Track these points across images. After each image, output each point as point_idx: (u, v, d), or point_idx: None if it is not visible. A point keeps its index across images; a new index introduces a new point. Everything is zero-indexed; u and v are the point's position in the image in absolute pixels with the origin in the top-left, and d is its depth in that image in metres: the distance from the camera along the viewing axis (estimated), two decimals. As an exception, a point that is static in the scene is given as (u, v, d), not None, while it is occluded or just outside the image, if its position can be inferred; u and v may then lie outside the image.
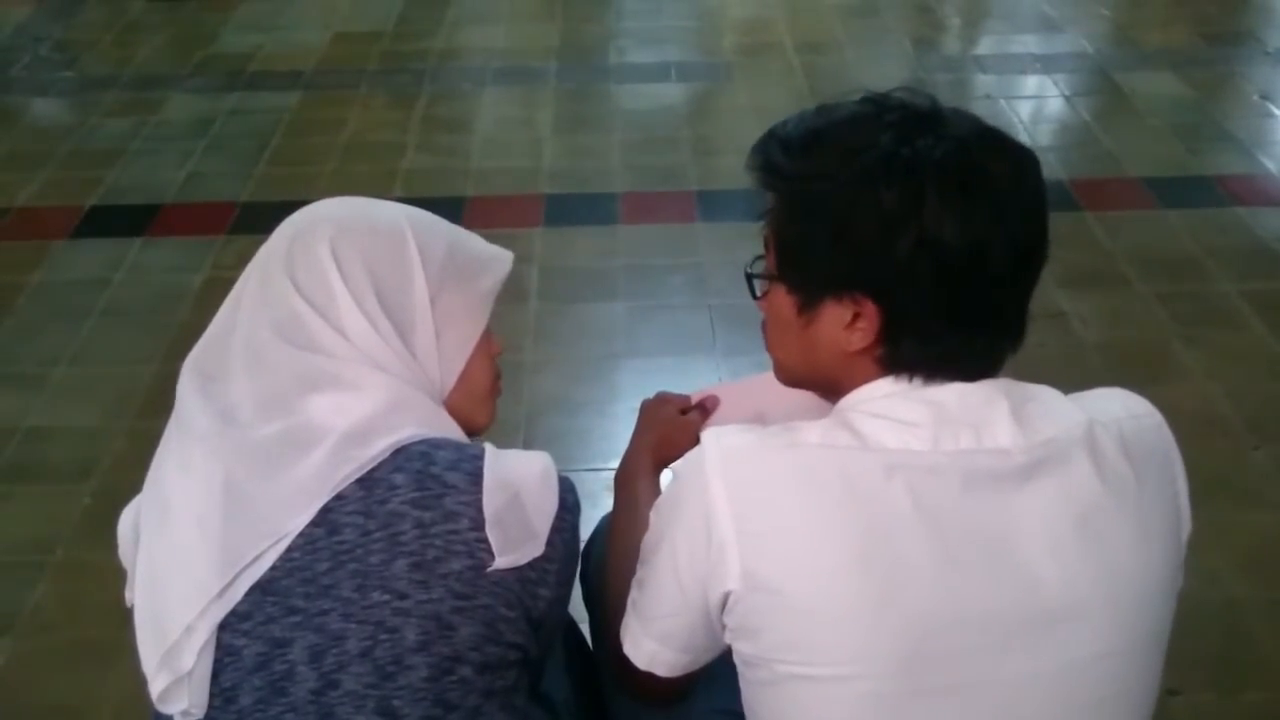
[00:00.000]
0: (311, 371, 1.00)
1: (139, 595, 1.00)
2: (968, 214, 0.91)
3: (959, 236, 0.90)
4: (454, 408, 1.11)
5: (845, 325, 0.96)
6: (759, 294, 1.06)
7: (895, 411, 0.93)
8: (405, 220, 1.09)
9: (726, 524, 0.92)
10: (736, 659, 0.98)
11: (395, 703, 0.94)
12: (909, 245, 0.91)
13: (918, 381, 0.95)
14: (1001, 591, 0.90)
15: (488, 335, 1.14)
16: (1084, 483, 0.92)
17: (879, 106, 0.97)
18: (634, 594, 1.05)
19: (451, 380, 1.10)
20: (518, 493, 0.99)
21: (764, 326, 1.08)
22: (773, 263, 1.02)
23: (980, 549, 0.90)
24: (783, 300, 1.02)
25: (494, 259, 1.15)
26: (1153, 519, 0.95)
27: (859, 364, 0.97)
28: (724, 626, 0.97)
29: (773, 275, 1.03)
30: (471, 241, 1.15)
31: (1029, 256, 0.94)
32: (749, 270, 1.06)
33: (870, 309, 0.94)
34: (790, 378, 1.09)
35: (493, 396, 1.19)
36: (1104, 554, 0.92)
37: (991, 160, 0.94)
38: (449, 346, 1.09)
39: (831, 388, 1.01)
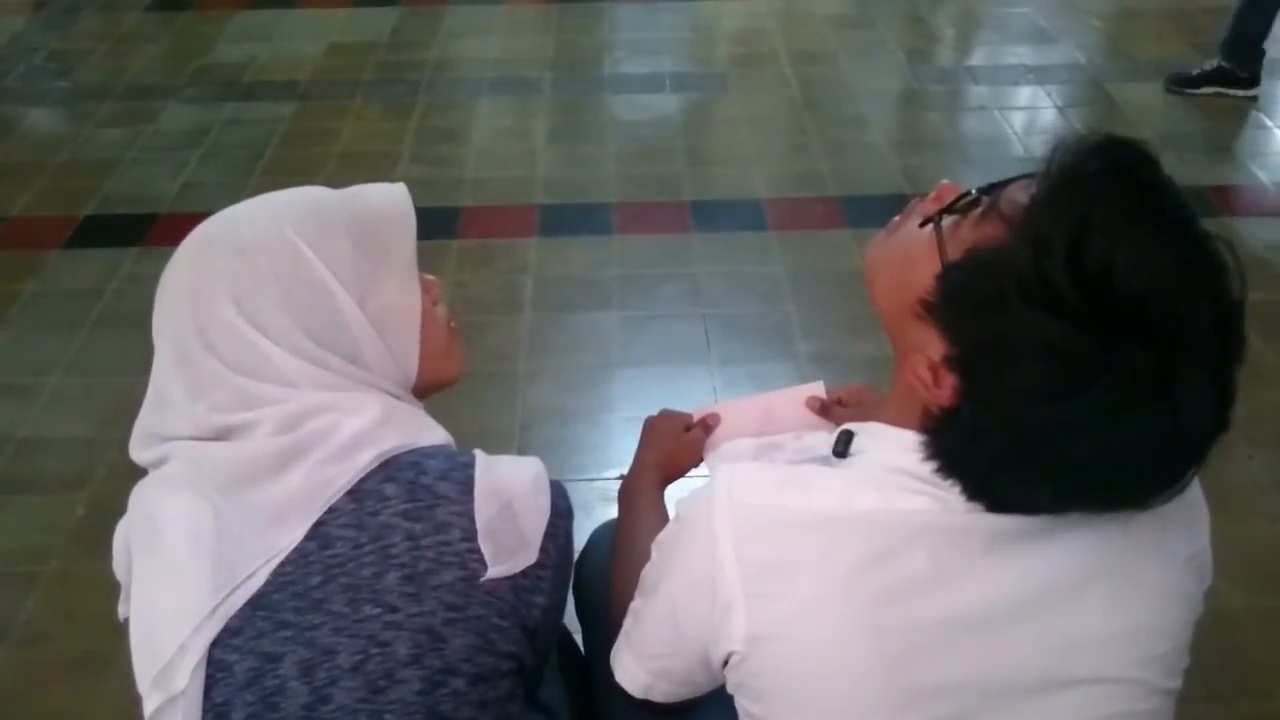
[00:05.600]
0: (290, 409, 0.97)
1: (134, 614, 0.99)
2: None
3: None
4: (423, 382, 1.08)
5: (927, 362, 0.86)
6: (923, 221, 0.90)
7: (923, 469, 0.88)
8: (291, 230, 1.00)
9: (734, 585, 0.88)
10: (740, 711, 0.95)
11: (388, 717, 0.94)
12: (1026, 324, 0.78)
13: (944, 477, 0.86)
14: (1020, 655, 0.87)
15: (423, 289, 1.07)
16: (1108, 540, 0.88)
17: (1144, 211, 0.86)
18: (629, 624, 1.04)
19: (414, 366, 1.07)
20: (509, 501, 0.99)
21: (889, 229, 0.96)
22: (953, 244, 0.86)
23: (1000, 611, 0.87)
24: (924, 264, 0.87)
25: (396, 218, 1.05)
26: (1176, 576, 0.92)
27: (912, 395, 0.89)
28: (725, 679, 0.94)
29: (942, 243, 0.86)
30: (363, 202, 1.05)
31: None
32: (955, 199, 0.89)
33: (950, 378, 0.85)
34: (872, 295, 0.96)
35: (454, 346, 1.13)
36: (1127, 613, 0.89)
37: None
38: (398, 341, 1.05)
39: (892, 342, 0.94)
